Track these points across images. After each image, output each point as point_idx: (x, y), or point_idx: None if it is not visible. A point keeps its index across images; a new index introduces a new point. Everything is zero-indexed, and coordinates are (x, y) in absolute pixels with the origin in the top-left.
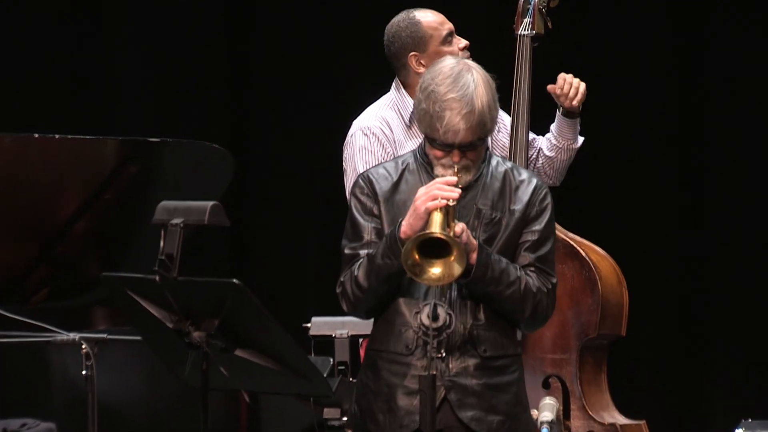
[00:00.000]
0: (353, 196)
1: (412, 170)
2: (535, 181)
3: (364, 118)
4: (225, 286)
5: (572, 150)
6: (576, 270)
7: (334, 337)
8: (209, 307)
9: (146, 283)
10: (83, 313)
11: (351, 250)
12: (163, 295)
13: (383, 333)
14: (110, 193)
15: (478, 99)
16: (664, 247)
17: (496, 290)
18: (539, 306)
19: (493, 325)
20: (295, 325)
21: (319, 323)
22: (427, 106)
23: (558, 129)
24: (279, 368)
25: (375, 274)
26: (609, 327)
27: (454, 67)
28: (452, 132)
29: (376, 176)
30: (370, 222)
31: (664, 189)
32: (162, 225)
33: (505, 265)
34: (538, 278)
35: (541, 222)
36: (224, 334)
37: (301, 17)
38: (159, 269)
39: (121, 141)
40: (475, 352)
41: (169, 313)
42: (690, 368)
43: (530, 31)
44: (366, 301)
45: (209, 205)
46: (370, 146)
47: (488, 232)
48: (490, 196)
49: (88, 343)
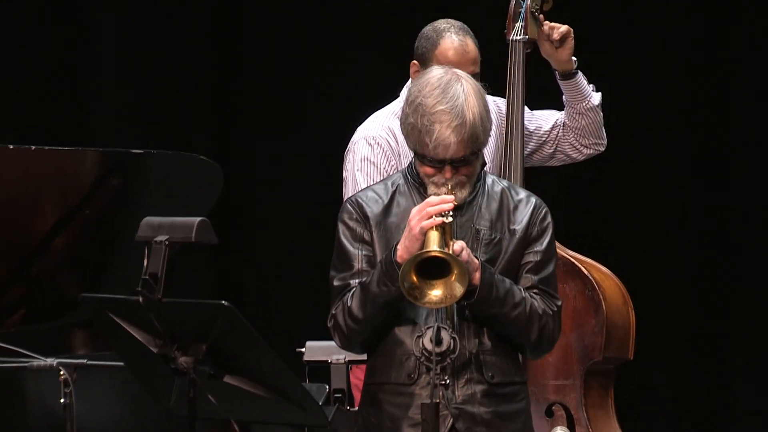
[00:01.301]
0: (341, 222)
1: (403, 192)
2: (534, 200)
3: (370, 127)
4: (213, 308)
5: (592, 109)
6: (578, 290)
7: (330, 363)
8: (196, 330)
9: (129, 304)
10: (61, 336)
11: (341, 280)
12: (147, 318)
13: (382, 365)
14: (90, 207)
15: (469, 110)
16: (673, 264)
17: (501, 312)
18: (545, 329)
19: (499, 350)
20: (289, 350)
21: (314, 348)
22: (415, 119)
23: (565, 95)
24: (271, 396)
25: (371, 303)
26: (615, 350)
27: (443, 77)
28: (442, 147)
29: (366, 200)
30: (360, 249)
31: (671, 201)
32: (146, 242)
33: (509, 286)
34: (542, 300)
35: (542, 243)
36: (213, 359)
37: (293, 23)
38: (142, 290)
39: (101, 152)
40: (483, 378)
41: (153, 337)
42: (705, 393)
43: (522, 37)
44: (361, 332)
45: (196, 222)
46: (373, 157)
47: (489, 253)
48: (487, 216)
49: (66, 368)
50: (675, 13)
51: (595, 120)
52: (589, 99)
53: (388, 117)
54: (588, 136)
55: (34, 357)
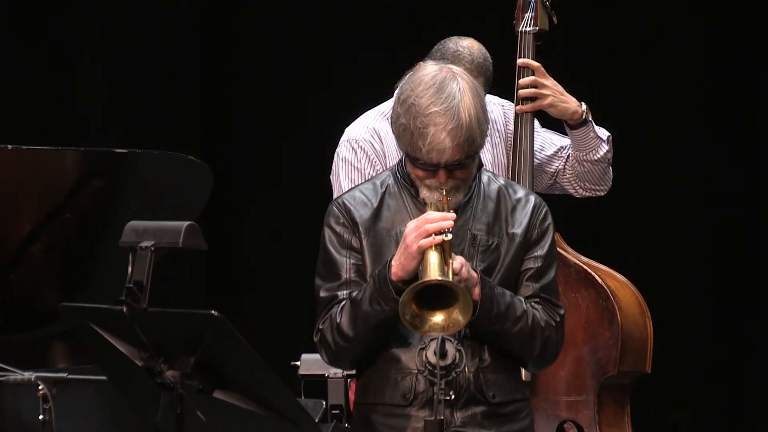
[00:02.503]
0: (327, 227)
1: (393, 193)
2: (533, 198)
3: (353, 129)
4: (202, 319)
5: (594, 162)
6: (591, 299)
7: (328, 377)
8: (184, 342)
9: (112, 314)
10: (40, 349)
11: (327, 291)
12: (132, 329)
13: (376, 384)
14: (71, 211)
15: (465, 111)
16: (694, 271)
17: (502, 328)
18: (548, 342)
19: (499, 366)
20: (283, 363)
21: (309, 361)
22: (407, 121)
23: (570, 140)
24: (264, 412)
25: (362, 322)
26: (631, 363)
27: (437, 75)
28: (437, 151)
29: (353, 202)
30: (348, 257)
31: (692, 204)
32: (130, 248)
33: (510, 299)
34: (544, 311)
35: (543, 246)
36: (202, 372)
37: (288, 19)
38: (127, 299)
39: (83, 152)
40: (483, 398)
41: (138, 350)
42: (728, 409)
43: (533, 28)
44: (351, 351)
45: (184, 226)
46: (356, 161)
47: (486, 261)
48: (484, 219)
49: (45, 383)
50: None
51: (594, 170)
52: (593, 152)
53: (375, 118)
54: (586, 181)
55: (11, 371)
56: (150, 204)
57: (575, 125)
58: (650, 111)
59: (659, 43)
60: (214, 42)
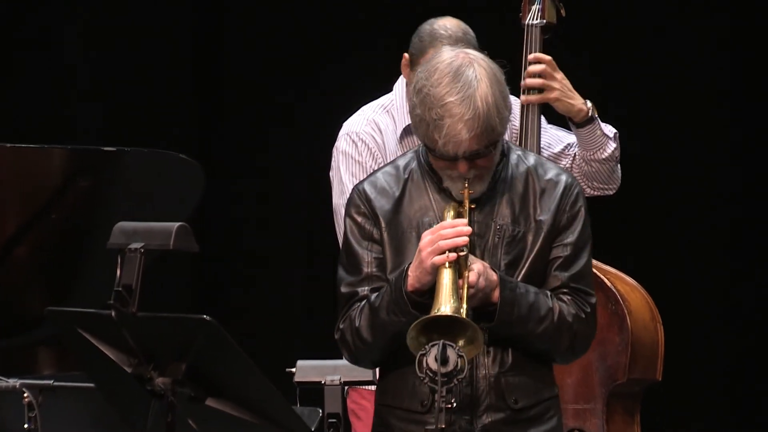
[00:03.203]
0: (348, 216)
1: (417, 181)
2: (564, 178)
3: (354, 122)
4: (194, 323)
5: (602, 161)
6: (600, 303)
7: (324, 384)
8: (175, 347)
9: (100, 319)
10: (25, 355)
11: (348, 287)
12: (120, 334)
13: (396, 388)
14: (57, 211)
15: (482, 100)
16: (707, 274)
17: (525, 329)
18: (577, 336)
19: (523, 369)
20: (278, 370)
21: (305, 367)
22: (422, 111)
23: (576, 139)
24: (258, 421)
25: (380, 330)
26: (641, 371)
27: (453, 61)
28: (453, 143)
29: (375, 191)
30: (370, 250)
31: (707, 203)
32: (119, 250)
33: (534, 298)
34: (573, 302)
35: (573, 231)
36: (193, 379)
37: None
38: (115, 303)
39: (69, 150)
40: (504, 404)
41: (127, 356)
42: (743, 418)
43: (540, 21)
44: (370, 354)
45: (175, 227)
46: (357, 155)
47: (512, 253)
48: (510, 206)
49: (31, 391)
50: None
51: (602, 170)
52: (600, 150)
53: (375, 111)
54: (594, 181)
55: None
56: (140, 204)
57: (581, 123)
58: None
59: (659, 43)
60: (206, 38)
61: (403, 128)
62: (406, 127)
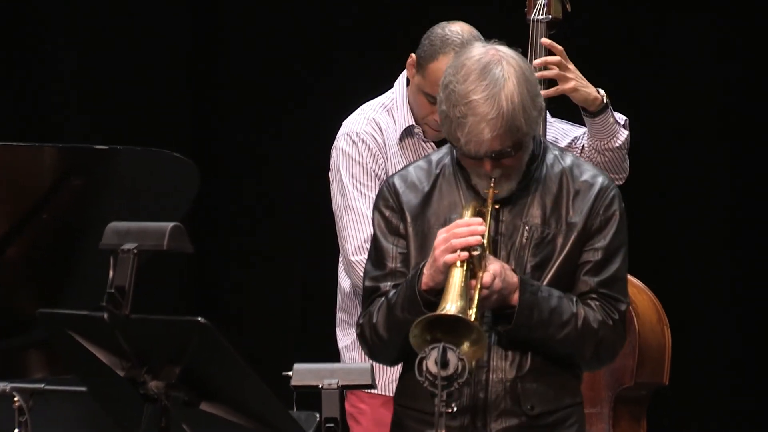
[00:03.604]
0: (376, 210)
1: (448, 176)
2: (601, 181)
3: (354, 121)
4: (188, 326)
5: (614, 150)
6: None
7: (322, 388)
8: (169, 350)
9: (92, 321)
10: (15, 358)
11: (372, 281)
12: (113, 337)
13: (413, 388)
14: (48, 211)
15: (507, 100)
16: (716, 276)
17: (545, 334)
18: (603, 343)
19: (542, 374)
20: (274, 373)
21: (302, 371)
22: (447, 108)
23: (587, 128)
24: (253, 425)
25: (396, 327)
26: (648, 374)
27: (482, 57)
28: (475, 143)
29: (404, 185)
30: (396, 245)
31: (713, 201)
32: (111, 251)
33: (557, 302)
34: (601, 308)
35: (606, 236)
36: (187, 383)
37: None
38: (107, 305)
39: (60, 149)
40: (520, 410)
41: (119, 359)
42: (752, 423)
43: (545, 16)
44: (387, 351)
45: (169, 227)
46: (358, 156)
47: (539, 255)
48: (541, 206)
49: (21, 394)
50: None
51: (614, 158)
52: (613, 138)
53: (375, 109)
54: (604, 171)
55: None
56: (133, 204)
57: (595, 112)
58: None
59: (657, 42)
60: (200, 36)
61: (403, 128)
62: (407, 128)
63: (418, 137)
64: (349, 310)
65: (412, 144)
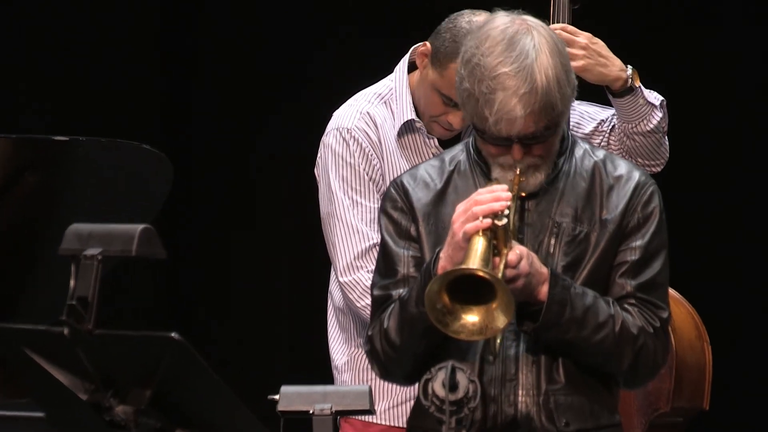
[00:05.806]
0: (383, 213)
1: (463, 171)
2: (638, 176)
3: (343, 115)
4: (159, 342)
5: (646, 134)
6: None
7: (313, 414)
8: (138, 371)
9: (50, 337)
10: None
11: (381, 290)
12: (74, 355)
13: (423, 406)
14: (0, 211)
15: (541, 72)
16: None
17: (579, 336)
18: (643, 353)
19: (577, 387)
20: (259, 397)
21: (290, 395)
22: (471, 85)
23: (616, 110)
24: None
25: (408, 327)
26: (687, 398)
27: (508, 27)
28: (506, 121)
29: (413, 182)
30: (407, 249)
31: (756, 207)
32: (73, 257)
33: (592, 301)
34: (640, 315)
35: (644, 234)
36: (159, 408)
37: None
38: (68, 318)
39: (14, 140)
40: (553, 427)
41: (82, 380)
42: None
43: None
44: (400, 362)
45: (138, 230)
46: (348, 156)
47: (571, 254)
48: (572, 202)
49: None
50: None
51: (646, 143)
52: (644, 121)
53: (369, 101)
54: (638, 157)
55: None
56: (97, 202)
57: (620, 93)
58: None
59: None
60: (172, 21)
61: (402, 123)
62: (407, 122)
63: (421, 133)
64: (343, 326)
65: (412, 140)
